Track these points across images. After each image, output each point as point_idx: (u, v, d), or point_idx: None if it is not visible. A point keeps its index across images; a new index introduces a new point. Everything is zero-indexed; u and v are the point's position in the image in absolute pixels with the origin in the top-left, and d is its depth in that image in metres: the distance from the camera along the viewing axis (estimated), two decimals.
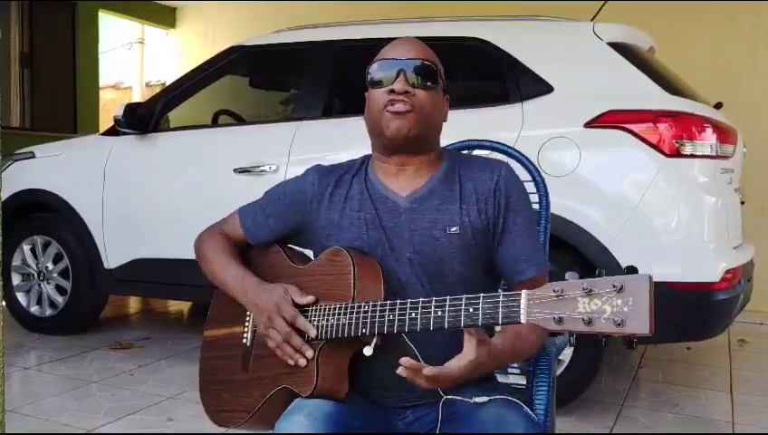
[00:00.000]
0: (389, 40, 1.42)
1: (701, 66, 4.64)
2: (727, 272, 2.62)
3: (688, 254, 2.65)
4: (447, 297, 1.14)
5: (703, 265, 2.63)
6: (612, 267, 2.62)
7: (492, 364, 1.21)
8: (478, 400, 1.24)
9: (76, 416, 2.70)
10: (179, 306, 4.89)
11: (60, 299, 3.89)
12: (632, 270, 0.95)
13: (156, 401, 2.88)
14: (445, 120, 1.42)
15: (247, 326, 1.40)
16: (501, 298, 1.07)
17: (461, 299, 1.12)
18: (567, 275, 1.00)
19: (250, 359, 1.38)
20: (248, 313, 1.40)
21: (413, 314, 1.15)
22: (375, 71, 1.36)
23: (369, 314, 1.20)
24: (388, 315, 1.18)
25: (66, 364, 3.38)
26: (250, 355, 1.38)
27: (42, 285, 3.95)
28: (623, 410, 2.91)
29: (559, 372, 2.70)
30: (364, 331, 1.20)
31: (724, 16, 4.96)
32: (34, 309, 3.97)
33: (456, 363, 1.14)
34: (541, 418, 1.47)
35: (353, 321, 1.22)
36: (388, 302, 1.20)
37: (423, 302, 1.15)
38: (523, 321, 1.03)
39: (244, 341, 1.40)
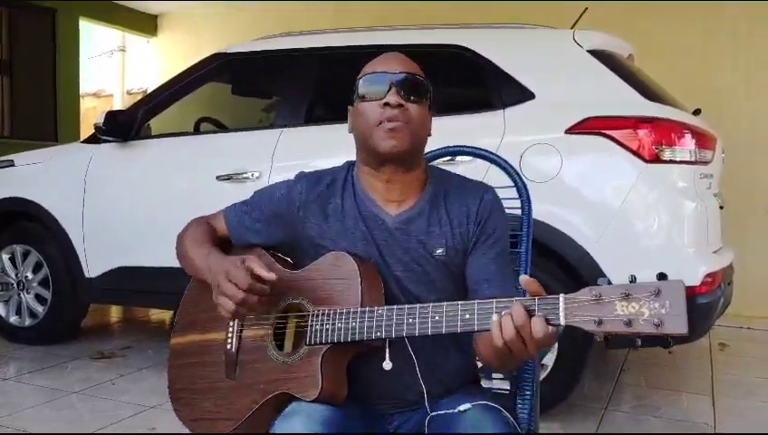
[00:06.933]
0: (372, 47, 1.42)
1: (680, 73, 4.69)
2: (707, 276, 2.65)
3: (669, 258, 2.67)
4: (476, 301, 1.15)
5: (683, 269, 2.64)
6: (595, 272, 2.65)
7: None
8: (461, 407, 1.26)
9: (57, 427, 2.66)
10: (161, 315, 4.84)
11: (40, 309, 3.84)
12: (663, 276, 1.00)
13: (138, 411, 2.85)
14: (429, 135, 1.42)
15: (231, 332, 1.39)
16: (537, 301, 1.08)
17: (491, 302, 1.12)
18: (599, 280, 1.05)
19: (236, 365, 1.36)
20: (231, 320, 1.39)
21: (436, 317, 1.16)
22: (366, 84, 1.35)
23: (385, 318, 1.21)
24: (408, 319, 1.19)
25: (46, 375, 3.34)
26: (235, 362, 1.36)
27: (21, 295, 3.90)
28: (606, 415, 2.93)
29: (542, 376, 2.71)
30: (379, 334, 1.21)
31: (704, 23, 5.02)
32: (14, 319, 3.92)
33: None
34: (524, 423, 1.48)
35: (364, 325, 1.22)
36: (396, 307, 1.21)
37: (447, 305, 1.16)
38: (562, 323, 1.05)
39: (229, 347, 1.38)
